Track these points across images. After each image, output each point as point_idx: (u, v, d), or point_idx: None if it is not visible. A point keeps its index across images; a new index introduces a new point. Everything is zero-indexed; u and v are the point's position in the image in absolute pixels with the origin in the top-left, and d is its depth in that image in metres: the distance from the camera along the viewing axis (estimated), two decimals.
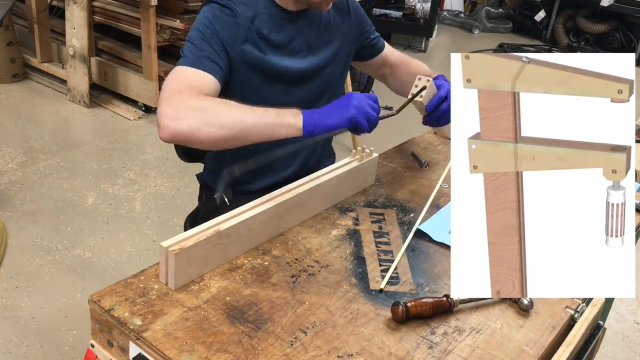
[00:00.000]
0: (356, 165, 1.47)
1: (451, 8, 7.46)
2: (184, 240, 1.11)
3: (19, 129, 3.66)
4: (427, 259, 1.30)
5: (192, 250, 1.10)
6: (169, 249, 1.07)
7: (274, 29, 1.48)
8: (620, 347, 2.43)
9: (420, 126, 1.60)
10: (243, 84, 1.47)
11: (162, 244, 1.09)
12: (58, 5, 4.13)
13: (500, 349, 1.06)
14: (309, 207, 1.37)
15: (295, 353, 1.00)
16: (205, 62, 1.37)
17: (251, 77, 1.47)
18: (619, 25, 6.62)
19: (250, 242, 1.24)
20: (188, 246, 1.09)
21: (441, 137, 1.92)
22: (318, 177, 1.40)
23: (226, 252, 1.19)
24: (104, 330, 1.06)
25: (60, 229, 2.75)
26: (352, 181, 1.49)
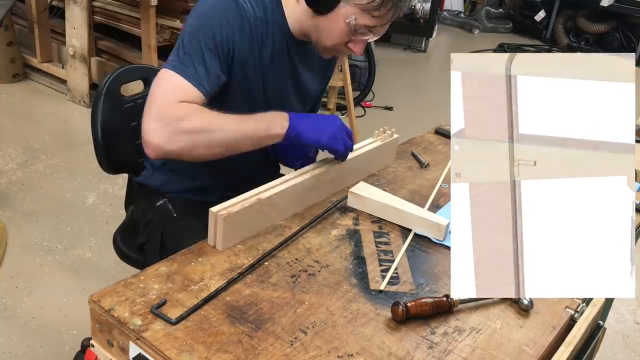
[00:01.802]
0: (380, 144, 1.61)
1: (451, 8, 7.46)
2: (231, 206, 1.23)
3: (19, 129, 3.66)
4: (427, 259, 1.30)
5: (238, 215, 1.22)
6: (218, 214, 1.19)
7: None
8: (620, 347, 2.43)
9: (420, 126, 1.61)
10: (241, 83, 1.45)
11: (211, 209, 1.21)
12: (58, 5, 4.13)
13: (500, 349, 1.06)
14: (338, 181, 1.50)
15: (295, 353, 1.00)
16: (196, 70, 1.30)
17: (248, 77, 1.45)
18: (619, 25, 6.62)
19: (286, 211, 1.36)
20: (234, 211, 1.21)
21: (441, 137, 1.92)
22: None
23: (266, 218, 1.31)
24: (104, 330, 1.06)
25: (60, 229, 2.75)
26: (376, 159, 1.63)
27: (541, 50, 6.78)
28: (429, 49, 6.13)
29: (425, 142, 1.88)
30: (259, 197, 1.28)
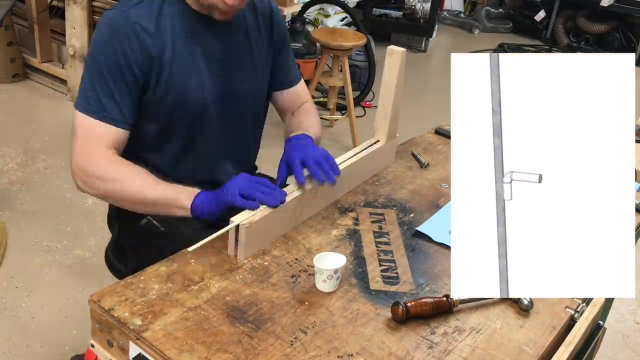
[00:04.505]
0: (381, 144, 1.62)
1: (451, 8, 7.45)
2: (251, 216, 1.22)
3: (19, 129, 3.66)
4: (427, 259, 1.30)
5: (259, 223, 1.22)
6: (241, 224, 1.19)
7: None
8: (620, 347, 2.43)
9: (420, 126, 1.61)
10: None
11: (232, 219, 1.20)
12: (58, 5, 4.13)
13: (500, 349, 1.06)
14: (345, 183, 1.50)
15: (295, 353, 1.00)
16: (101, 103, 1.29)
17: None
18: (619, 25, 6.61)
19: (301, 216, 1.37)
20: (255, 220, 1.21)
21: (441, 137, 1.92)
22: (351, 157, 1.52)
23: (282, 224, 1.31)
24: (104, 330, 1.06)
25: (60, 229, 2.75)
26: (379, 158, 1.64)
27: (541, 50, 6.78)
28: (429, 49, 6.13)
29: (425, 142, 1.88)
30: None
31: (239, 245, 1.21)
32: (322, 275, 1.14)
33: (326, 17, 5.24)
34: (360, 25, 4.53)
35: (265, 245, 1.27)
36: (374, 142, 1.62)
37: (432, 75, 5.68)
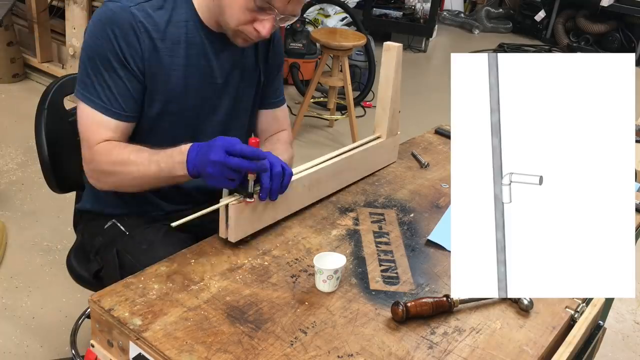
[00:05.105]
0: (382, 140, 1.61)
1: (451, 8, 7.46)
2: (239, 197, 1.23)
3: (19, 129, 3.66)
4: (427, 259, 1.30)
5: (248, 205, 1.23)
6: (230, 203, 1.20)
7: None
8: (620, 347, 2.43)
9: (420, 126, 1.61)
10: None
11: (221, 200, 1.21)
12: (58, 5, 4.13)
13: (500, 349, 1.06)
14: (343, 176, 1.51)
15: (295, 353, 1.00)
16: (99, 96, 1.30)
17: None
18: (619, 25, 6.61)
19: (295, 204, 1.38)
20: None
21: (441, 137, 1.92)
22: (351, 149, 1.53)
23: (275, 212, 1.32)
24: (104, 330, 1.06)
25: (60, 229, 2.74)
26: (380, 155, 1.64)
27: (541, 50, 6.78)
28: (429, 49, 6.13)
29: (425, 142, 1.88)
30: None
31: (230, 225, 1.22)
32: (322, 275, 1.14)
33: (326, 17, 5.24)
34: (360, 25, 4.53)
35: (257, 227, 1.28)
36: (375, 137, 1.62)
37: (432, 75, 5.68)
